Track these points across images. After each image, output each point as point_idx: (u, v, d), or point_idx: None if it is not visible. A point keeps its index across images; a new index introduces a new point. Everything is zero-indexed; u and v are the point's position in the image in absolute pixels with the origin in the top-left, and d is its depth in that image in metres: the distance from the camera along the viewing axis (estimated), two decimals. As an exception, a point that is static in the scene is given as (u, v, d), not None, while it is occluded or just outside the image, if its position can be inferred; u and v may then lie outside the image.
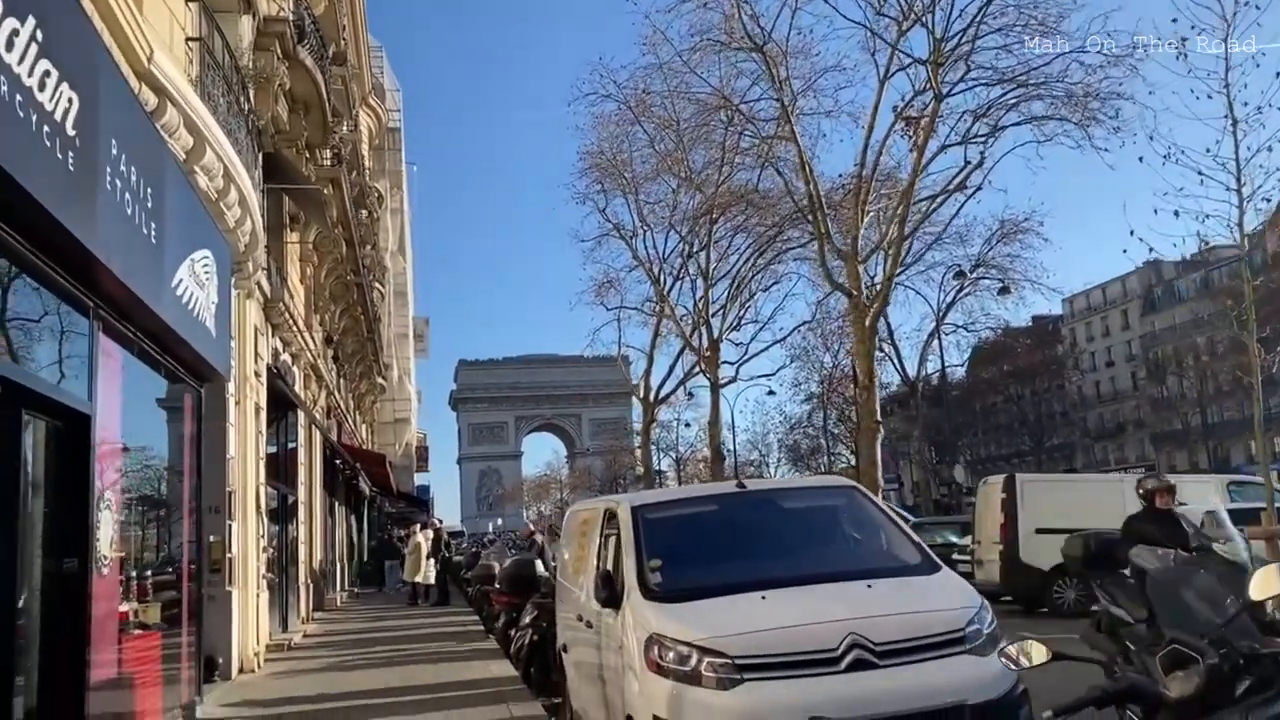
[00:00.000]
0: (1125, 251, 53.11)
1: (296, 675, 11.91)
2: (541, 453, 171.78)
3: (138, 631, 7.72)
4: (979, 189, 20.83)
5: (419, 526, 26.62)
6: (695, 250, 31.06)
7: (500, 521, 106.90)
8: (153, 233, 7.02)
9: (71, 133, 5.36)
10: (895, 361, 38.68)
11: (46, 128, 5.02)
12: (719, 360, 30.29)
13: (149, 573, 8.56)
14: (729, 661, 4.82)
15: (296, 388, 18.41)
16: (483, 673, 11.30)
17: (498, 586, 15.03)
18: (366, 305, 30.08)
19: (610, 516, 6.63)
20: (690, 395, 42.55)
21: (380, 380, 41.24)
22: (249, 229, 11.04)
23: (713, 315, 30.09)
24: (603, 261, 33.69)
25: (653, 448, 72.53)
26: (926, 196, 20.87)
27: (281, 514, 16.79)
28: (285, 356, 17.32)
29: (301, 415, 18.93)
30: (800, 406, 59.81)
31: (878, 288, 19.85)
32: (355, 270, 26.42)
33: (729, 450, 61.89)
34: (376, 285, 37.64)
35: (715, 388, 30.09)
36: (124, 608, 7.64)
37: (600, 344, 37.06)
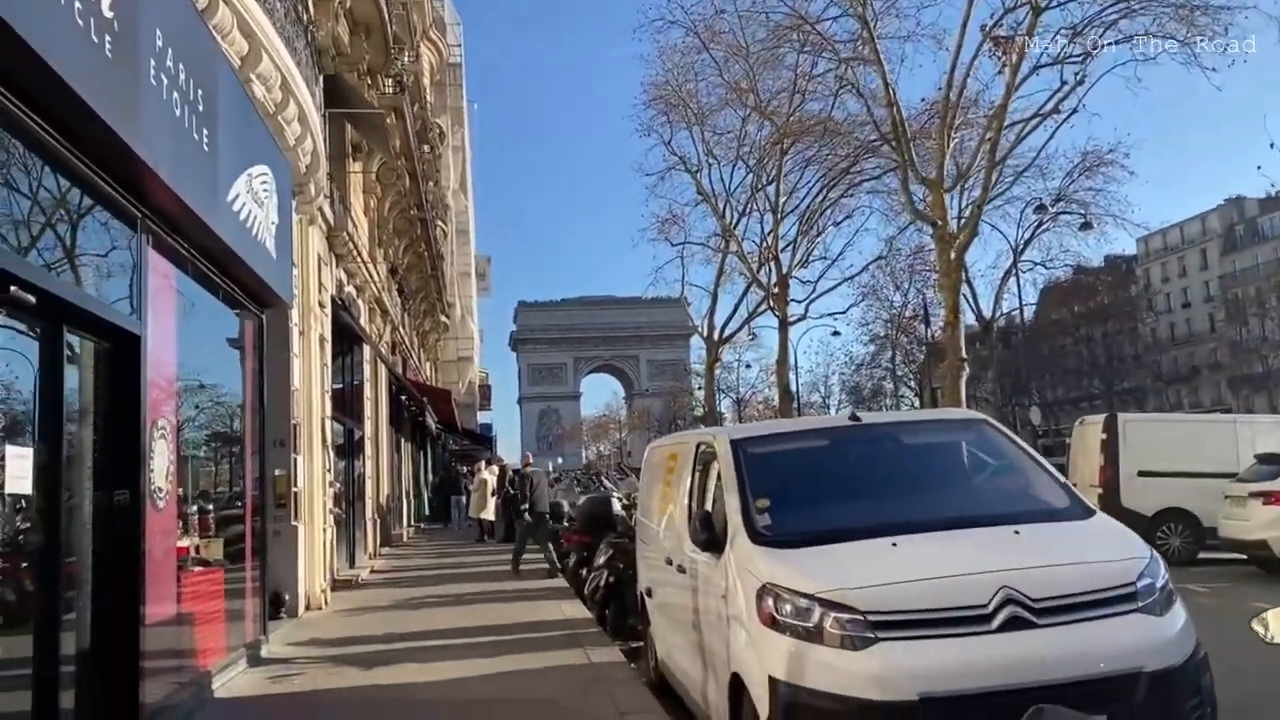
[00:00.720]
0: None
1: (363, 613, 11.58)
2: (600, 393, 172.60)
3: (198, 568, 7.32)
4: (1074, 112, 19.48)
5: (484, 463, 26.38)
6: (764, 183, 30.00)
7: (560, 460, 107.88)
8: (205, 139, 6.43)
9: (109, 14, 4.74)
10: (970, 300, 37.25)
11: (77, 3, 4.39)
12: (788, 297, 29.36)
13: (210, 507, 8.16)
14: (859, 618, 4.15)
15: (361, 321, 18.02)
16: (555, 613, 10.85)
17: (568, 525, 14.61)
18: (430, 241, 29.65)
19: (705, 452, 5.97)
20: (753, 336, 41.59)
21: (443, 318, 41.03)
22: (309, 148, 10.46)
23: (781, 250, 29.08)
24: (667, 196, 32.80)
25: (717, 390, 72.07)
26: (1017, 121, 19.58)
27: (348, 449, 16.50)
28: (350, 289, 16.89)
29: (367, 349, 18.57)
30: (865, 347, 58.51)
31: (964, 218, 18.74)
32: (419, 205, 25.89)
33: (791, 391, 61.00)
34: (439, 223, 37.25)
35: (784, 325, 29.21)
36: (184, 543, 7.24)
37: (663, 283, 36.32)
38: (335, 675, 7.93)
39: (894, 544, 4.55)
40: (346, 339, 16.52)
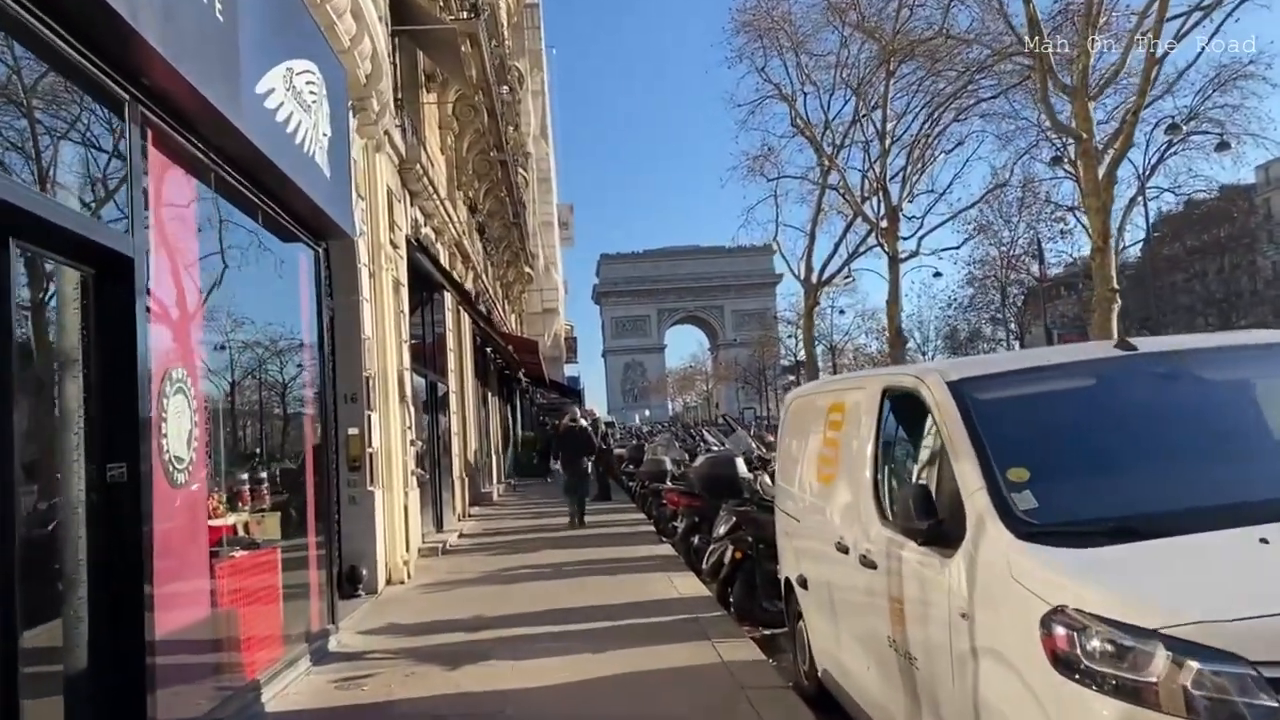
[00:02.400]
0: None
1: (450, 588, 10.26)
2: (685, 345, 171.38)
3: (243, 552, 5.95)
4: (1240, 3, 16.85)
5: (572, 416, 25.01)
6: (868, 109, 27.67)
7: (647, 413, 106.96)
8: (218, 7, 4.91)
9: None
10: (1088, 231, 34.34)
11: None
12: (897, 231, 27.09)
13: (264, 475, 6.80)
14: (1246, 672, 2.46)
15: (444, 266, 16.67)
16: (667, 590, 9.35)
17: (670, 485, 13.10)
18: (511, 186, 28.19)
19: (899, 399, 4.29)
20: (851, 279, 39.22)
21: (527, 269, 39.74)
22: (368, 51, 8.94)
23: (890, 180, 26.80)
24: (761, 128, 30.76)
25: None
26: (1176, 15, 17.01)
27: (431, 404, 15.23)
28: (427, 230, 15.50)
29: (449, 296, 17.22)
30: (964, 290, 55.42)
31: (1110, 128, 16.43)
32: (498, 145, 24.37)
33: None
34: (521, 170, 35.84)
35: (894, 261, 26.97)
36: (225, 521, 5.89)
37: (754, 224, 34.49)
38: (414, 678, 6.54)
39: (1264, 540, 2.83)
40: (425, 285, 15.18)
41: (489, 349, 22.97)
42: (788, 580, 6.15)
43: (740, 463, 8.54)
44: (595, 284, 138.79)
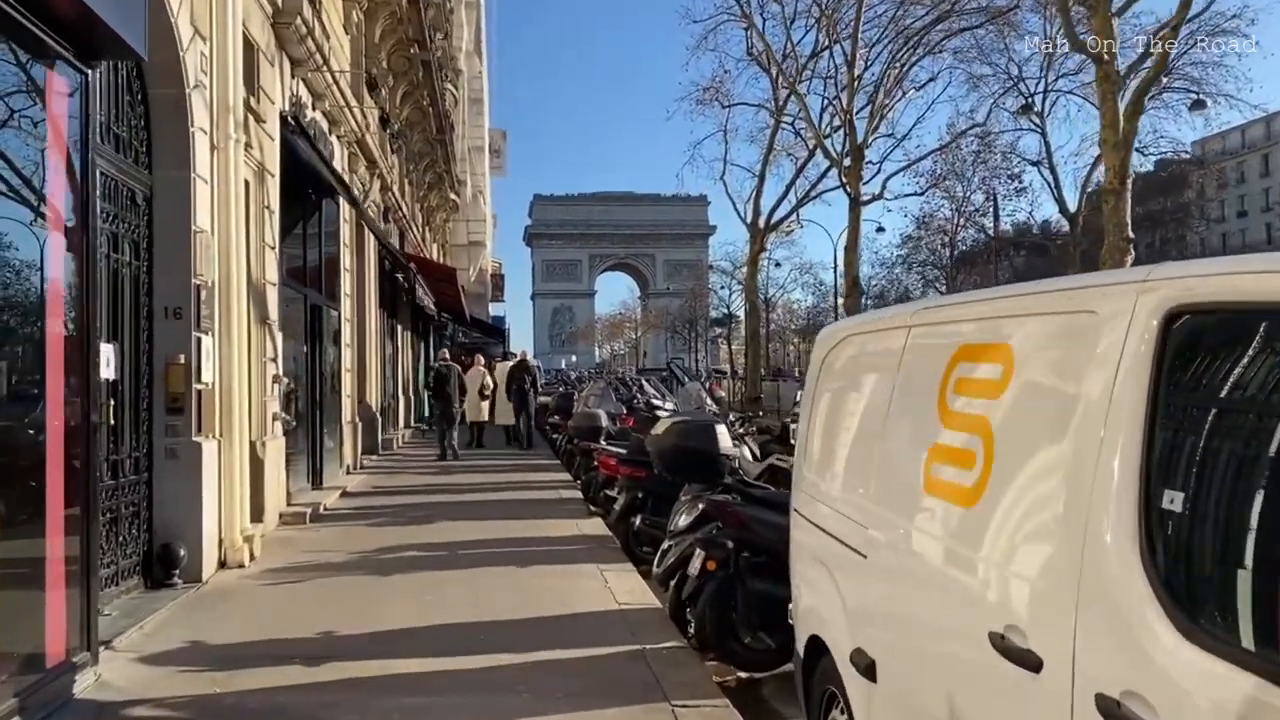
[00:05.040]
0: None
1: (304, 579, 7.58)
2: (616, 291, 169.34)
3: None
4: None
5: (442, 357, 22.01)
6: (838, 38, 25.02)
7: (574, 359, 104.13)
8: None
9: None
10: (1053, 189, 32.47)
11: None
12: (860, 171, 24.59)
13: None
14: None
15: (338, 165, 13.70)
16: (601, 598, 6.81)
17: (606, 445, 10.57)
18: (435, 95, 24.99)
19: (1232, 333, 1.75)
20: (800, 224, 36.79)
21: (453, 196, 36.52)
22: None
23: (856, 114, 24.25)
24: (718, 49, 27.88)
25: (739, 287, 67.46)
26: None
27: (312, 332, 12.34)
28: (317, 116, 12.49)
29: (346, 208, 14.25)
30: (899, 250, 53.45)
31: (1139, 50, 14.11)
32: (420, 42, 21.24)
33: (824, 289, 56.08)
34: (450, 86, 32.50)
35: (856, 204, 24.46)
36: None
37: (700, 160, 31.67)
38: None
39: None
40: (314, 185, 12.22)
41: (400, 276, 19.99)
42: (817, 642, 3.62)
43: (723, 434, 5.96)
44: (528, 225, 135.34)
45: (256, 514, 8.95)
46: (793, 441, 9.43)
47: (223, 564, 7.72)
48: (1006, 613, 2.26)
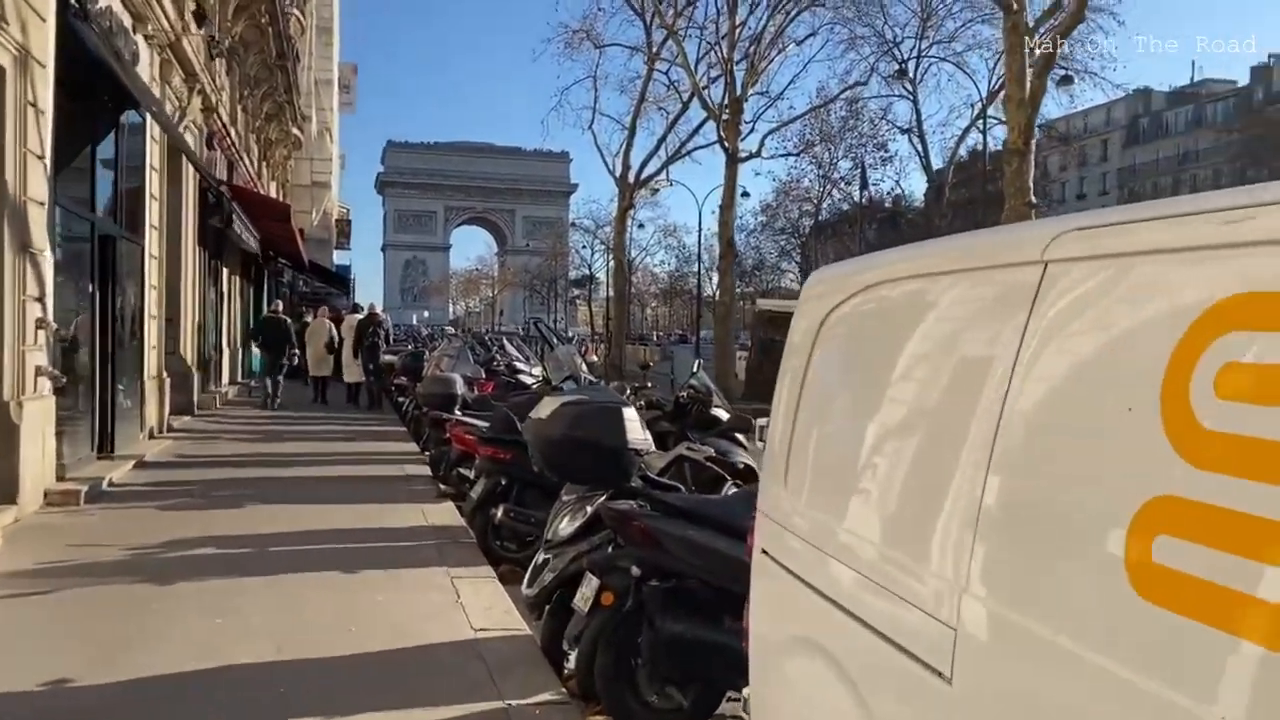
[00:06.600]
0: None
1: (53, 589, 5.71)
2: (473, 246, 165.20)
3: None
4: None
5: (274, 307, 20.24)
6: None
7: (426, 314, 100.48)
8: None
9: None
10: (921, 156, 32.32)
11: None
12: (739, 125, 23.34)
13: None
14: None
15: (143, 73, 11.41)
16: (452, 623, 5.27)
17: (462, 417, 9.00)
18: (277, 15, 22.35)
19: None
20: (670, 182, 35.56)
21: (295, 131, 33.48)
22: None
23: (736, 64, 22.91)
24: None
25: (601, 247, 65.89)
26: None
27: (101, 266, 10.13)
28: (114, 5, 10.20)
29: (154, 126, 11.93)
30: (756, 217, 52.97)
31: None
32: (257, -52, 18.69)
33: (687, 254, 55.03)
34: (295, 12, 29.56)
35: (733, 160, 23.20)
36: None
37: (567, 108, 30.06)
38: None
39: None
40: (110, 90, 9.97)
41: (225, 210, 17.52)
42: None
43: (632, 420, 4.41)
44: (380, 172, 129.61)
45: (5, 494, 6.99)
46: (691, 422, 8.08)
47: (-62, 569, 5.79)
48: None
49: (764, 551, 2.63)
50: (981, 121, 29.65)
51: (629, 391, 8.15)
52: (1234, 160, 61.47)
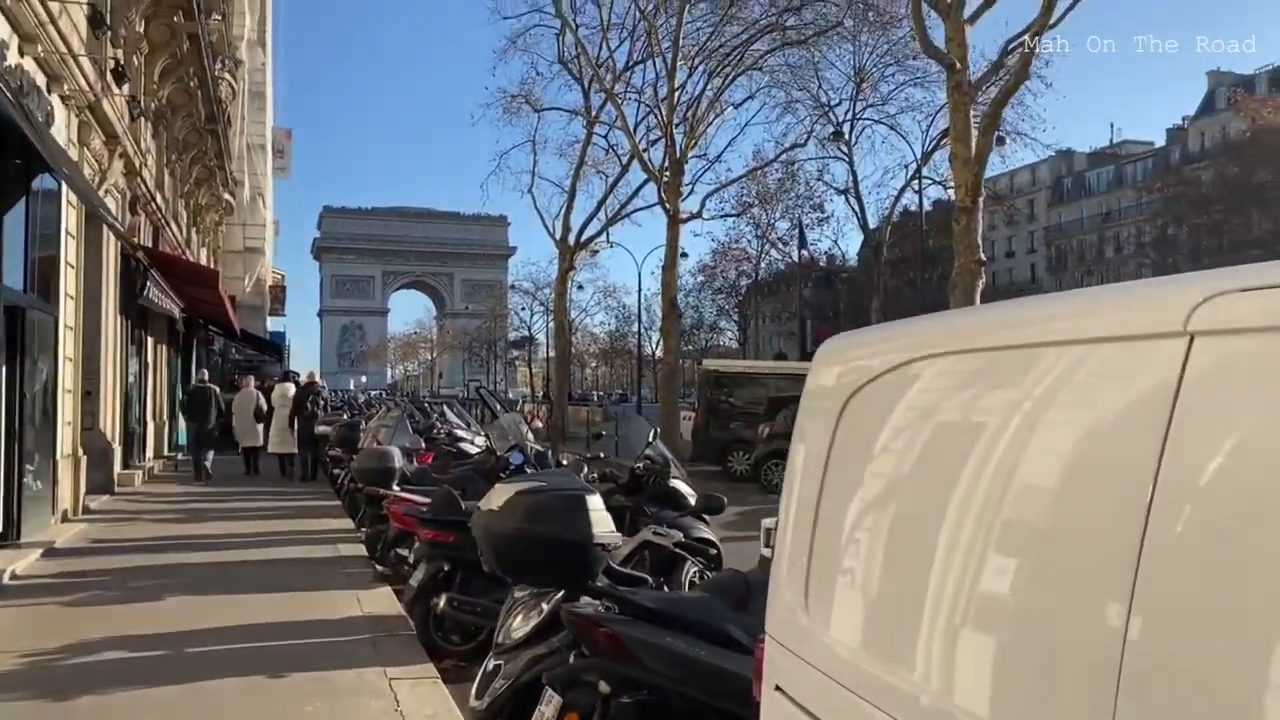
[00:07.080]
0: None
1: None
2: (411, 310, 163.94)
3: None
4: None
5: (200, 378, 19.13)
6: (658, 49, 23.66)
7: (364, 379, 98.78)
8: None
9: None
10: (858, 215, 32.64)
11: None
12: (680, 186, 23.22)
13: None
14: None
15: (61, 135, 10.81)
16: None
17: (401, 492, 8.42)
18: (206, 77, 21.79)
19: None
20: (610, 244, 35.41)
21: (227, 196, 32.75)
22: None
23: (676, 126, 22.89)
24: (530, 50, 26.11)
25: (540, 309, 65.47)
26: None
27: (12, 340, 9.42)
28: (21, 62, 9.63)
29: (68, 191, 11.28)
30: (695, 278, 53.22)
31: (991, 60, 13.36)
32: (185, 11, 18.18)
33: (618, 319, 54.94)
34: (227, 76, 28.99)
35: (675, 220, 23.05)
36: None
37: (506, 172, 29.98)
38: None
39: None
40: (19, 151, 9.35)
41: (140, 277, 16.75)
42: None
43: (597, 511, 3.85)
44: (316, 237, 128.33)
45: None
46: (649, 494, 7.59)
47: None
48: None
49: (778, 689, 2.15)
50: (917, 181, 30.06)
51: (585, 469, 7.63)
52: (1155, 218, 63.41)
